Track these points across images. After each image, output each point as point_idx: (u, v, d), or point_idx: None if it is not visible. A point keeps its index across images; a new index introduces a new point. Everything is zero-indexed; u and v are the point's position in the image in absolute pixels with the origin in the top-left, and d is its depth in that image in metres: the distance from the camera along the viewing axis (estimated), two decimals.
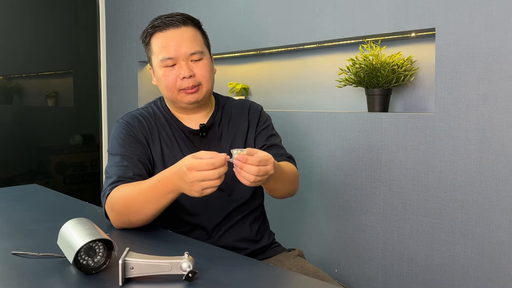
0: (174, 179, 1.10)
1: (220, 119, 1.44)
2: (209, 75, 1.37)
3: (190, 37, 1.35)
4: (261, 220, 1.47)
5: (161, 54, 1.34)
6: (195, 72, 1.34)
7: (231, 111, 1.46)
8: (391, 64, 1.83)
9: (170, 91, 1.36)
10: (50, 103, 3.42)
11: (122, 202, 1.19)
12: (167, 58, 1.33)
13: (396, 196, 1.80)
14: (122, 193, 1.20)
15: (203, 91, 1.36)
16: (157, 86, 1.41)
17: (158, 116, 1.41)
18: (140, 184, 1.20)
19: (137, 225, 1.23)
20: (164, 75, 1.35)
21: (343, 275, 1.99)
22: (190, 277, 0.88)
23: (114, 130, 1.39)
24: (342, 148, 1.96)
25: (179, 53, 1.33)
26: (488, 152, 1.56)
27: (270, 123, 1.50)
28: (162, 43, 1.34)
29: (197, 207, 1.36)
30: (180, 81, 1.33)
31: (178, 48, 1.33)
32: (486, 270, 1.58)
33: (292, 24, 2.11)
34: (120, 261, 0.86)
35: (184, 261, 0.89)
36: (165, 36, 1.35)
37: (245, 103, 1.50)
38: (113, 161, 1.31)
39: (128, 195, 1.19)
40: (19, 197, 1.69)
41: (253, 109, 1.48)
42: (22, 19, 3.25)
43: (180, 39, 1.34)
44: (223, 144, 1.41)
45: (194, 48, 1.34)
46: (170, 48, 1.33)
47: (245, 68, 2.58)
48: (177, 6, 2.69)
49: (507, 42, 1.51)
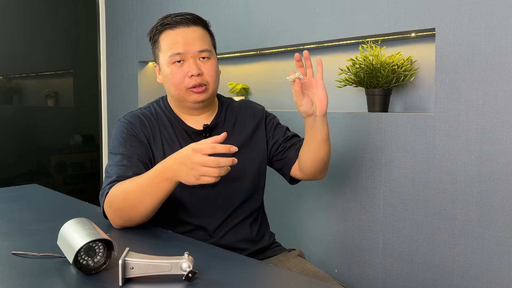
0: (173, 165, 1.10)
1: (224, 120, 1.44)
2: (216, 75, 1.38)
3: (199, 36, 1.36)
4: (261, 220, 1.47)
5: (170, 50, 1.34)
6: (203, 71, 1.35)
7: (235, 113, 1.47)
8: (391, 64, 1.83)
9: (177, 89, 1.35)
10: (50, 103, 3.41)
11: (121, 198, 1.19)
12: (176, 54, 1.34)
13: (396, 196, 1.80)
14: (120, 189, 1.20)
15: (209, 92, 1.36)
16: (162, 85, 1.41)
17: (161, 116, 1.41)
18: (138, 177, 1.20)
19: (136, 222, 1.22)
20: (172, 72, 1.35)
21: (343, 275, 1.99)
22: (190, 277, 0.88)
23: (116, 129, 1.39)
24: (342, 148, 1.96)
25: (188, 50, 1.34)
26: (488, 152, 1.56)
27: (277, 119, 1.53)
28: (172, 40, 1.35)
29: (198, 208, 1.36)
30: (188, 79, 1.34)
31: (188, 44, 1.34)
32: (486, 270, 1.58)
33: (292, 24, 2.11)
34: (120, 261, 0.86)
35: (184, 261, 0.89)
36: (175, 33, 1.35)
37: (248, 104, 1.51)
38: (114, 161, 1.30)
39: (126, 189, 1.19)
40: (19, 197, 1.69)
41: (257, 110, 1.50)
42: (22, 19, 3.25)
43: (189, 36, 1.35)
44: (227, 143, 1.41)
45: (203, 46, 1.35)
46: (179, 44, 1.34)
47: (245, 68, 2.58)
48: (177, 6, 2.69)
49: (507, 42, 1.51)
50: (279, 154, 1.48)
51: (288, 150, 1.47)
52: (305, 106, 1.27)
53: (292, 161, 1.47)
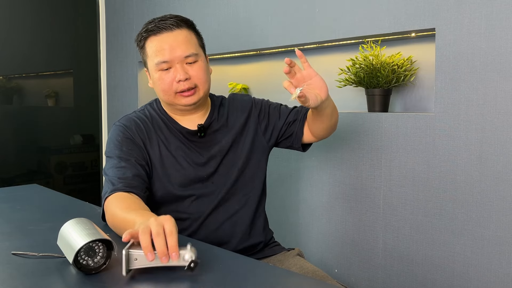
0: None
1: (217, 118, 1.44)
2: (205, 77, 1.37)
3: (184, 40, 1.35)
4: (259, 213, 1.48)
5: (156, 58, 1.34)
6: (191, 75, 1.34)
7: (225, 109, 1.48)
8: (391, 64, 1.83)
9: (166, 94, 1.36)
10: (50, 103, 3.41)
11: (111, 219, 1.19)
12: (162, 62, 1.33)
13: (396, 196, 1.80)
14: (112, 211, 1.18)
15: (199, 93, 1.36)
16: (154, 89, 1.42)
17: (155, 118, 1.41)
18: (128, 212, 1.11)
19: None
20: (160, 78, 1.35)
21: (343, 275, 1.99)
22: (192, 267, 0.89)
23: (111, 133, 1.39)
24: (342, 148, 1.96)
25: (173, 57, 1.33)
26: (488, 152, 1.56)
27: (265, 100, 1.54)
28: (157, 47, 1.34)
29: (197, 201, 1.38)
30: (176, 84, 1.34)
31: (173, 51, 1.33)
32: (486, 270, 1.58)
33: (292, 24, 2.11)
34: (124, 251, 0.88)
35: (186, 252, 0.90)
36: (159, 39, 1.34)
37: (235, 98, 1.52)
38: (111, 163, 1.31)
39: (115, 218, 1.16)
40: (19, 197, 1.69)
41: (244, 102, 1.50)
42: (22, 19, 3.25)
43: (174, 42, 1.33)
44: (222, 142, 1.42)
45: (188, 51, 1.34)
46: (164, 51, 1.33)
47: (245, 68, 2.57)
48: (177, 6, 2.69)
49: (507, 42, 1.50)
50: (284, 136, 1.50)
51: (291, 126, 1.49)
52: (312, 102, 1.27)
53: (300, 135, 1.49)
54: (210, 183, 1.38)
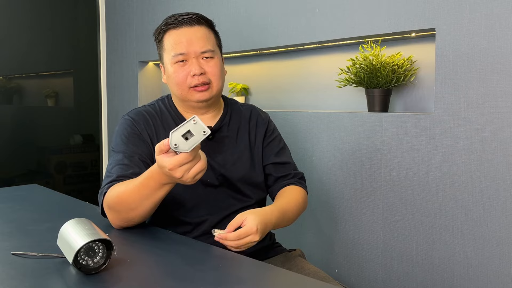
0: (163, 177, 1.08)
1: (229, 122, 1.43)
2: (220, 74, 1.38)
3: (202, 36, 1.36)
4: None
5: (173, 50, 1.35)
6: (206, 70, 1.35)
7: (240, 117, 1.46)
8: (391, 64, 1.83)
9: (180, 88, 1.35)
10: (50, 103, 3.41)
11: (118, 200, 1.18)
12: (178, 54, 1.34)
13: (396, 196, 1.80)
14: (118, 191, 1.19)
15: (213, 90, 1.36)
16: (162, 85, 1.42)
17: (165, 113, 1.41)
18: (132, 181, 1.17)
19: (135, 222, 1.22)
20: (175, 71, 1.35)
21: (343, 275, 1.99)
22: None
23: (119, 126, 1.39)
24: (342, 148, 1.96)
25: (190, 50, 1.34)
26: (488, 152, 1.56)
27: (277, 133, 1.51)
28: (175, 40, 1.35)
29: (199, 207, 1.36)
30: (190, 78, 1.34)
31: (190, 45, 1.34)
32: (486, 270, 1.58)
33: (292, 24, 2.11)
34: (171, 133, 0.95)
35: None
36: (178, 33, 1.36)
37: (253, 111, 1.49)
38: (115, 159, 1.31)
39: (123, 192, 1.17)
40: (19, 197, 1.69)
41: (261, 120, 1.48)
42: (22, 19, 3.24)
43: (192, 36, 1.35)
44: (229, 148, 1.40)
45: (206, 47, 1.35)
46: (182, 44, 1.34)
47: (245, 68, 2.57)
48: (176, 6, 2.69)
49: (507, 42, 1.50)
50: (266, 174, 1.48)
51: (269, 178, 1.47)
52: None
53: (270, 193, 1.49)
54: (212, 188, 1.37)
